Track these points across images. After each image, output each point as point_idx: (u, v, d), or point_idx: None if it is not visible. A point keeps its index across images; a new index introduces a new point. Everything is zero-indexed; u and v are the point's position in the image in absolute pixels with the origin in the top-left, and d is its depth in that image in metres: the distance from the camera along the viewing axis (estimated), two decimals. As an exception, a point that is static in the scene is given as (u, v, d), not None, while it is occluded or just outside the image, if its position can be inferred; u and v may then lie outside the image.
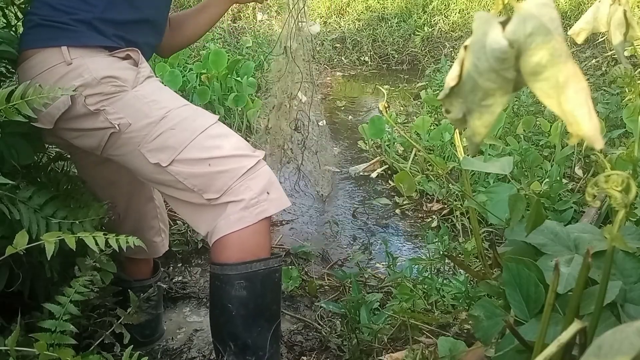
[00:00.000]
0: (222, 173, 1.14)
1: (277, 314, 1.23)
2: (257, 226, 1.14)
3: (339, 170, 2.67)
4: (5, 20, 1.24)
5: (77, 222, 1.14)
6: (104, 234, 0.98)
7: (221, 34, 5.32)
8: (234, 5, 1.60)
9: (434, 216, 2.45)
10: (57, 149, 1.42)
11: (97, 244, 0.96)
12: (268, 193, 1.15)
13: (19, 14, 1.32)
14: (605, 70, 4.10)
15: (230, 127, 3.66)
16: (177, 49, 1.62)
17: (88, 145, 1.19)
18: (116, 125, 1.12)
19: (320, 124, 1.91)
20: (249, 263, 1.15)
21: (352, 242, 2.30)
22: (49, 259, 0.92)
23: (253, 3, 1.59)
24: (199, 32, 1.61)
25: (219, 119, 1.21)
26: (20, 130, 1.14)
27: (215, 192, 1.14)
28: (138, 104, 1.14)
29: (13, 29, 1.28)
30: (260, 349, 1.18)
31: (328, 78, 5.16)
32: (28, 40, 1.17)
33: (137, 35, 1.25)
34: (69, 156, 1.40)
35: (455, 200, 2.45)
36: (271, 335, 1.19)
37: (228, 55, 3.55)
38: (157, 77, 1.26)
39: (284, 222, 2.40)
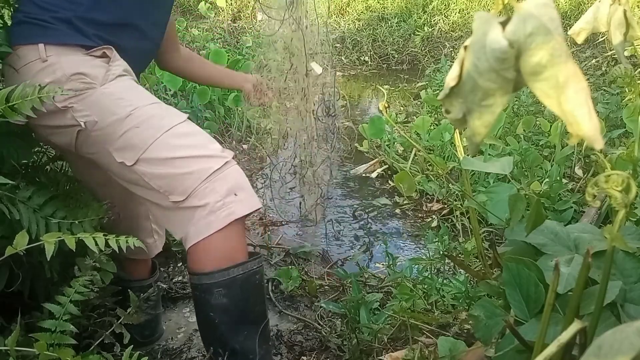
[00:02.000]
0: (187, 175, 1.10)
1: (262, 315, 1.20)
2: (227, 230, 1.10)
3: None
4: (2, 21, 1.24)
5: (76, 222, 1.14)
6: (103, 235, 0.98)
7: (221, 34, 5.32)
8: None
9: (434, 216, 2.45)
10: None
11: (96, 244, 0.96)
12: (236, 194, 1.11)
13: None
14: (605, 70, 4.10)
15: (230, 127, 3.64)
16: (173, 71, 1.73)
17: (62, 143, 1.17)
18: (82, 123, 1.10)
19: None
20: (226, 270, 1.12)
21: (352, 242, 2.30)
22: (48, 259, 0.92)
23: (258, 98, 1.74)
24: (199, 80, 1.86)
25: (188, 119, 1.17)
26: (16, 130, 1.14)
27: (181, 195, 1.10)
28: (105, 101, 1.12)
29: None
30: (250, 352, 1.16)
31: (328, 78, 5.15)
32: (12, 37, 1.17)
33: (124, 39, 1.23)
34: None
35: (455, 200, 2.45)
36: (259, 337, 1.17)
37: (228, 55, 3.55)
38: (130, 76, 1.22)
39: (284, 223, 2.40)
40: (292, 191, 2.41)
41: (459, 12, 5.86)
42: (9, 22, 1.26)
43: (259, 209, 1.17)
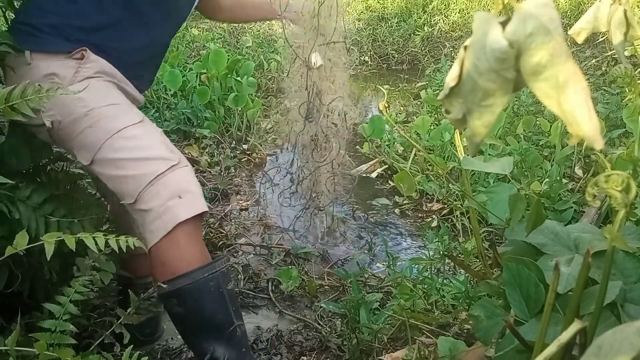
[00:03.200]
0: (132, 178, 1.10)
1: (226, 322, 1.18)
2: (172, 236, 1.08)
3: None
4: (6, 23, 1.26)
5: (75, 220, 1.14)
6: (103, 234, 0.98)
7: (221, 34, 5.32)
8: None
9: (434, 216, 2.44)
10: (57, 149, 1.42)
11: (96, 244, 0.96)
12: (180, 197, 1.10)
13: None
14: (605, 70, 4.09)
15: (230, 127, 3.64)
16: (218, 20, 1.92)
17: (46, 141, 1.21)
18: (46, 122, 1.13)
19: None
20: (172, 281, 1.11)
21: (352, 242, 2.29)
22: (48, 259, 0.92)
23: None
24: (240, 22, 2.08)
25: (143, 120, 1.17)
26: (29, 131, 1.17)
27: (130, 197, 1.11)
28: (67, 101, 1.13)
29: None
30: (221, 356, 1.17)
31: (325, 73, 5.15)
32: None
33: (120, 39, 1.24)
34: (69, 156, 1.40)
35: (455, 200, 2.45)
36: (225, 342, 1.17)
37: (228, 55, 3.55)
38: (104, 77, 1.22)
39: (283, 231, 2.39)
40: (293, 196, 2.40)
41: (459, 12, 5.86)
42: (9, 25, 1.28)
43: (204, 212, 1.14)
